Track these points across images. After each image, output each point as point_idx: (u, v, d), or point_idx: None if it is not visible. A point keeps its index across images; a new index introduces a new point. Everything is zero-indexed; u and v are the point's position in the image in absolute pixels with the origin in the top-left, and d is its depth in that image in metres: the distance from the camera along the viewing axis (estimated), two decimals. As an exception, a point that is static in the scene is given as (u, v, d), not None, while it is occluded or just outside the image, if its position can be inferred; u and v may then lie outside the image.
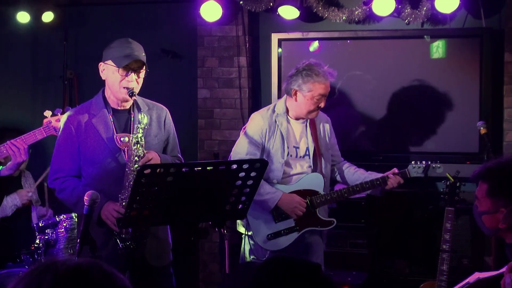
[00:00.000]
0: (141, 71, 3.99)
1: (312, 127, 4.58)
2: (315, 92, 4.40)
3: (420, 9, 5.46)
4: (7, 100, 6.55)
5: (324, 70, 4.43)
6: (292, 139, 4.55)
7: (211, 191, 3.46)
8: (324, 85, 4.41)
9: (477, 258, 5.24)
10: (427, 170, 4.54)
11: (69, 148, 4.05)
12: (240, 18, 6.04)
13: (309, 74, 4.41)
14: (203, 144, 6.18)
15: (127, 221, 3.53)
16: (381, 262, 5.55)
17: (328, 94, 4.46)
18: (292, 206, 4.45)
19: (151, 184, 3.32)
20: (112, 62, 3.95)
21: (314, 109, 4.47)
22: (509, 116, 5.50)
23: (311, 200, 4.51)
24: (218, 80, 6.17)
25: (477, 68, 5.57)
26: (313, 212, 4.52)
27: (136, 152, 3.87)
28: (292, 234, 4.52)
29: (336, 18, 5.70)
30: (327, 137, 4.66)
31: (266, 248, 4.52)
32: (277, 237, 4.51)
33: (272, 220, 4.51)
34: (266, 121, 4.49)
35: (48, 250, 4.91)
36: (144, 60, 3.98)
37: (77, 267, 1.35)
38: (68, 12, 6.45)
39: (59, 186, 4.05)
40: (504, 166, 2.95)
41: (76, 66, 6.52)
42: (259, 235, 4.52)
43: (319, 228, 4.58)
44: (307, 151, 4.58)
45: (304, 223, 4.53)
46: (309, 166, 4.58)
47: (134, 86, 3.96)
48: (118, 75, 3.94)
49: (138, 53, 3.97)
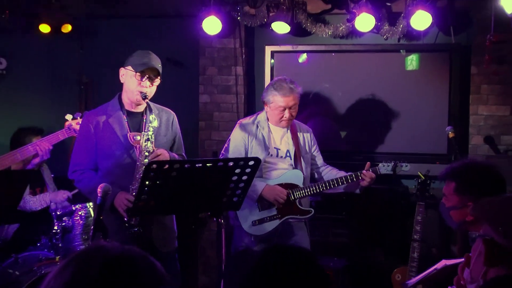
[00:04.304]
0: (155, 79, 4.02)
1: (293, 134, 4.65)
2: (275, 104, 4.50)
3: (397, 26, 5.48)
4: (29, 103, 6.54)
5: (285, 86, 4.49)
6: (272, 141, 4.62)
7: (210, 185, 3.48)
8: (283, 99, 4.47)
9: (444, 247, 5.26)
10: (395, 168, 4.55)
11: (87, 145, 4.08)
12: (237, 32, 6.05)
13: (274, 89, 4.52)
14: (203, 143, 6.18)
15: (136, 210, 3.56)
16: (359, 250, 5.56)
17: (290, 106, 4.49)
18: (274, 194, 4.50)
19: (157, 178, 3.34)
20: (131, 68, 3.98)
21: (281, 118, 4.54)
22: (474, 122, 5.53)
23: (291, 192, 4.54)
24: (217, 87, 6.17)
25: (446, 79, 5.59)
26: (293, 202, 4.56)
27: (146, 148, 3.90)
28: (274, 221, 4.56)
29: (322, 33, 5.71)
30: (307, 144, 4.72)
31: (250, 233, 4.57)
32: (261, 223, 4.56)
33: (257, 208, 4.56)
34: (247, 129, 4.60)
35: (65, 235, 4.91)
36: (159, 70, 4.01)
37: (124, 255, 1.32)
38: (84, 25, 6.44)
39: (77, 177, 4.09)
40: (470, 167, 2.97)
41: (90, 72, 6.51)
42: (246, 222, 4.57)
43: (299, 217, 4.60)
44: (287, 153, 4.64)
45: (284, 212, 4.56)
46: (291, 165, 4.63)
47: (148, 91, 3.99)
48: (135, 79, 3.97)
49: (155, 63, 4.00)
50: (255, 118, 4.67)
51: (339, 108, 5.88)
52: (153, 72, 3.99)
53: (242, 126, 4.64)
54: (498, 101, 5.46)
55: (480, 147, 5.51)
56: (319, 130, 5.47)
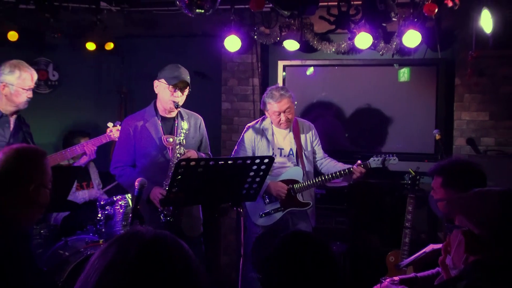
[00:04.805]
0: (185, 90, 4.02)
1: (295, 134, 4.62)
2: (271, 110, 4.49)
3: (391, 44, 5.45)
4: (77, 109, 6.57)
5: (276, 94, 4.46)
6: (276, 142, 4.60)
7: (230, 179, 3.48)
8: (277, 105, 4.44)
9: (432, 233, 5.23)
10: (383, 162, 4.52)
11: (127, 145, 4.09)
12: (254, 48, 6.05)
13: (268, 97, 4.49)
14: (225, 143, 6.18)
15: (167, 201, 3.56)
16: (358, 236, 5.54)
17: (284, 110, 4.44)
18: (277, 190, 4.50)
19: (186, 174, 3.34)
20: (164, 81, 3.98)
21: (279, 122, 4.50)
22: (457, 126, 5.49)
23: (292, 187, 4.52)
24: (237, 96, 6.18)
25: (434, 89, 5.56)
26: (294, 196, 4.55)
27: (178, 151, 3.90)
28: (278, 213, 4.57)
29: (327, 50, 5.69)
30: (309, 143, 4.68)
31: (258, 224, 4.57)
32: (267, 215, 4.55)
33: (263, 203, 4.55)
34: (255, 131, 4.59)
35: (108, 222, 4.93)
36: (188, 81, 4.00)
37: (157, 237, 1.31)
38: (124, 43, 6.47)
39: (118, 173, 4.11)
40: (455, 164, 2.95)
41: (129, 83, 6.54)
42: (254, 215, 4.57)
43: (299, 208, 4.59)
44: (291, 151, 4.62)
45: (287, 204, 4.56)
46: (293, 162, 4.61)
47: (179, 100, 4.00)
48: (168, 91, 3.97)
49: (185, 76, 3.99)
50: (261, 122, 4.65)
51: (342, 113, 5.86)
52: (183, 84, 3.99)
53: (250, 129, 4.63)
54: (479, 108, 5.42)
55: (463, 147, 5.47)
56: (327, 132, 5.47)
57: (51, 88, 6.61)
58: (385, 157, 4.52)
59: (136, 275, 1.22)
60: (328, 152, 4.84)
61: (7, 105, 4.09)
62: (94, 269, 1.26)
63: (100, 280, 1.23)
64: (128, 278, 1.22)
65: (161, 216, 3.83)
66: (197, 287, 1.27)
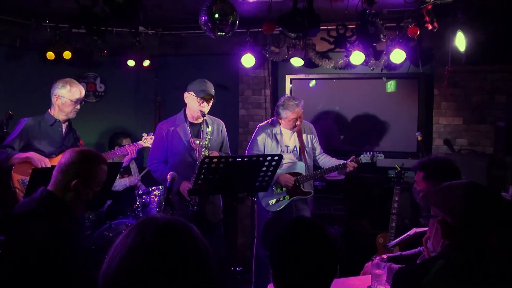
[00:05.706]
0: (210, 101, 4.02)
1: (298, 134, 4.60)
2: (289, 118, 4.45)
3: (380, 60, 5.43)
4: (119, 115, 6.60)
5: (292, 104, 4.42)
6: (283, 141, 4.57)
7: (246, 174, 3.48)
8: (294, 113, 4.42)
9: (415, 219, 5.19)
10: (372, 158, 4.51)
11: (160, 145, 4.10)
12: (266, 65, 6.04)
13: (284, 108, 4.44)
14: (241, 144, 6.17)
15: (194, 192, 3.57)
16: (353, 221, 5.52)
17: (300, 116, 4.43)
18: (285, 180, 4.48)
19: (209, 169, 3.34)
20: (193, 93, 3.98)
21: (294, 126, 4.49)
22: (436, 129, 5.45)
23: (297, 178, 4.51)
24: (252, 104, 6.17)
25: (416, 98, 5.52)
26: (298, 186, 4.54)
27: (204, 153, 3.90)
28: (285, 200, 4.55)
29: (326, 65, 5.68)
30: (310, 141, 4.67)
31: (268, 209, 4.55)
32: (276, 202, 4.54)
33: (272, 192, 4.53)
34: (265, 131, 4.56)
35: (144, 209, 4.95)
36: (213, 94, 4.00)
37: (170, 223, 1.29)
38: (158, 60, 6.49)
39: (154, 168, 4.11)
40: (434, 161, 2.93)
41: (163, 94, 6.55)
42: (264, 202, 4.55)
43: (303, 196, 4.57)
44: (295, 148, 4.60)
45: (292, 193, 4.55)
46: (297, 157, 4.59)
47: (205, 110, 4.00)
48: (196, 102, 3.97)
49: (210, 90, 3.99)
50: (270, 123, 4.62)
51: (339, 118, 5.83)
52: (209, 96, 3.99)
53: (261, 129, 4.61)
54: (454, 114, 5.38)
55: (440, 147, 5.42)
56: (325, 133, 5.45)
57: (98, 97, 6.64)
58: (374, 154, 4.54)
59: (152, 255, 1.22)
60: (326, 151, 4.83)
61: (59, 113, 4.17)
62: (118, 251, 1.26)
63: (122, 260, 1.23)
64: (146, 257, 1.22)
65: (189, 205, 3.83)
66: (205, 265, 1.26)
